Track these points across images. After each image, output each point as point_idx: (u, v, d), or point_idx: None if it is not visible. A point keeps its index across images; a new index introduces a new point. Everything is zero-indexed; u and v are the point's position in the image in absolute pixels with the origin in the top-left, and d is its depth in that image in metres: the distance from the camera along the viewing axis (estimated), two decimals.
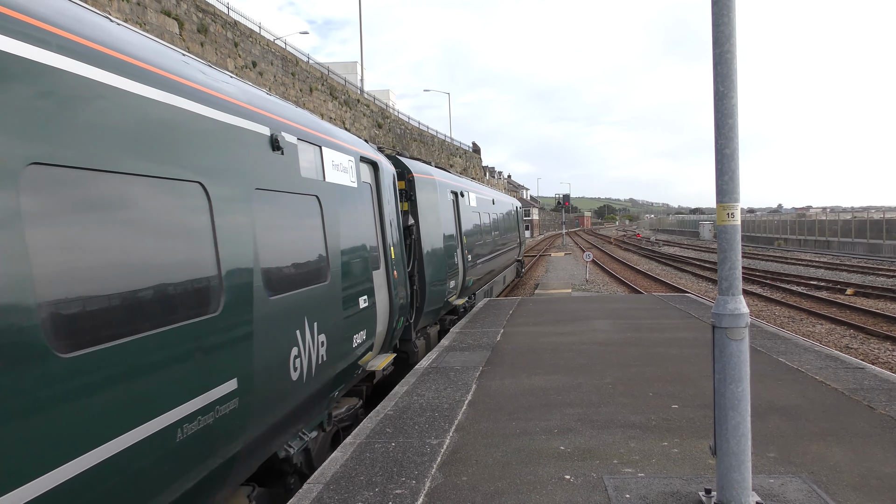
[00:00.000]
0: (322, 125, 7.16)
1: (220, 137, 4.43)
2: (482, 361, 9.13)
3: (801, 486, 4.66)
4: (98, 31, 3.48)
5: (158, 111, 3.75)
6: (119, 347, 3.17)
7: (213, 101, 4.42)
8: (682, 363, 8.65)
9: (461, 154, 74.91)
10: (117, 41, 3.61)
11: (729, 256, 4.21)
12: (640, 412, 6.52)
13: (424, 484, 4.89)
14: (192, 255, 3.89)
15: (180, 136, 3.91)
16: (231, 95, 4.78)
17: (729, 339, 4.15)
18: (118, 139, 3.36)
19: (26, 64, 2.85)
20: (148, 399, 3.38)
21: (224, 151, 4.48)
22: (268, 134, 5.24)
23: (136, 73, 3.63)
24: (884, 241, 40.62)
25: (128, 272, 3.31)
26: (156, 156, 3.66)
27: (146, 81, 3.70)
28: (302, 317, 5.40)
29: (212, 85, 4.52)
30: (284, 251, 5.28)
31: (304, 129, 6.20)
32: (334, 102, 40.34)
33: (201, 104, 4.23)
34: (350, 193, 7.32)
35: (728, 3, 4.13)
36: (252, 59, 30.43)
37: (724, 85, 4.15)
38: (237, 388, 4.22)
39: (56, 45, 3.04)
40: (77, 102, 3.12)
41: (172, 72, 4.04)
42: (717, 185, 4.24)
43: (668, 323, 12.16)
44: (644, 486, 4.73)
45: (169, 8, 23.85)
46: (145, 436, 3.32)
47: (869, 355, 13.22)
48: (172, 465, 3.62)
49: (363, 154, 8.24)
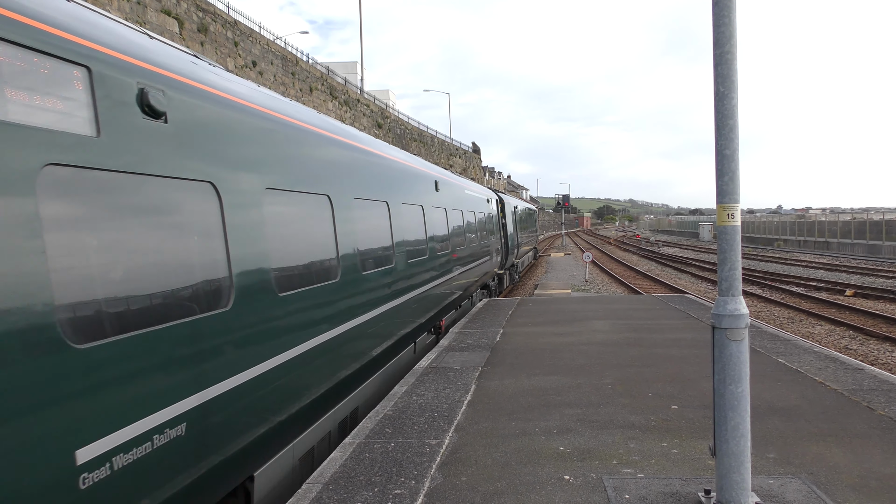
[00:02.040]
0: (472, 185, 15.75)
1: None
2: (481, 362, 9.13)
3: (801, 486, 4.66)
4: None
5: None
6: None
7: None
8: (681, 364, 8.64)
9: (461, 154, 74.88)
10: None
11: (729, 257, 4.21)
12: (640, 413, 6.52)
13: (424, 484, 4.89)
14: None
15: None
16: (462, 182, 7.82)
17: (729, 339, 4.15)
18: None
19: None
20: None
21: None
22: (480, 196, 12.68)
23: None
24: (883, 243, 40.64)
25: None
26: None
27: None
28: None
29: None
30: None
31: (468, 184, 14.28)
32: (334, 102, 40.33)
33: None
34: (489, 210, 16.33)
35: (729, 5, 4.12)
36: (252, 58, 30.42)
37: (724, 86, 4.15)
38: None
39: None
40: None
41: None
42: (718, 185, 4.23)
43: (668, 323, 12.16)
44: (643, 487, 4.73)
45: (169, 7, 23.84)
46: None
47: (868, 356, 13.23)
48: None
49: (490, 197, 19.50)
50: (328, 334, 5.72)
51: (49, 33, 2.95)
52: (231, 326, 4.17)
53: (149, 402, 3.36)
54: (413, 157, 10.89)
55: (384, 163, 8.31)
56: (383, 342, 7.62)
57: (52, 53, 2.94)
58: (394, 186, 8.61)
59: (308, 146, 5.75)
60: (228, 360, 4.12)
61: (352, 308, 6.38)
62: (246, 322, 4.37)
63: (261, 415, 4.59)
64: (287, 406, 5.04)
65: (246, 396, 4.31)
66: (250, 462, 4.59)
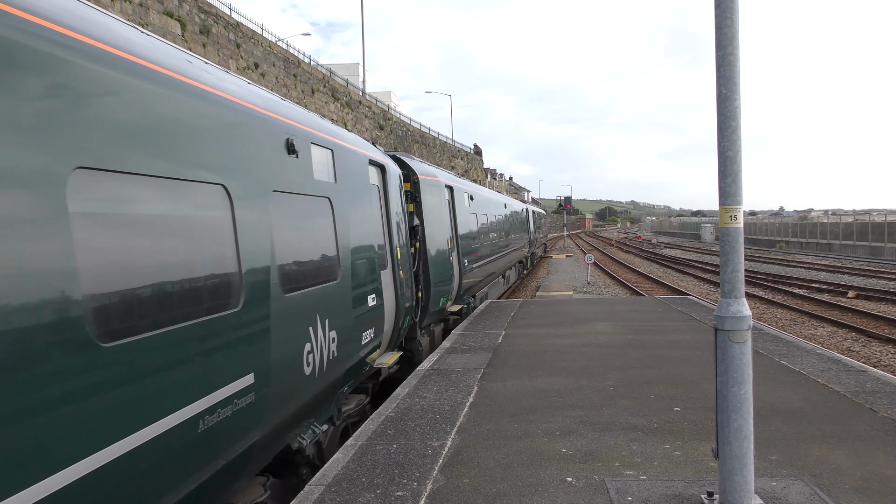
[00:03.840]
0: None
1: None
2: (484, 363, 9.13)
3: (804, 488, 4.66)
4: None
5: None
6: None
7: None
8: (683, 365, 8.64)
9: (462, 156, 74.90)
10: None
11: (731, 259, 4.20)
12: (642, 414, 6.52)
13: (426, 486, 4.89)
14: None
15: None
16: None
17: (731, 341, 4.14)
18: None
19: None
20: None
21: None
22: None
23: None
24: (885, 244, 40.55)
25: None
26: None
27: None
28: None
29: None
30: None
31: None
32: (336, 104, 40.36)
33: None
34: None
35: (731, 7, 4.13)
36: (254, 60, 30.46)
37: (727, 87, 4.15)
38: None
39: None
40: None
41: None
42: (720, 187, 4.23)
43: (670, 325, 12.15)
44: (646, 489, 4.72)
45: (171, 9, 23.89)
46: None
47: (871, 358, 13.21)
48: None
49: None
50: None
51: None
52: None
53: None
54: (508, 198, 18.03)
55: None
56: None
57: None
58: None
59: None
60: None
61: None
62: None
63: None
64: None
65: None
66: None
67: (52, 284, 2.72)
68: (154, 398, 3.35)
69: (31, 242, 2.66)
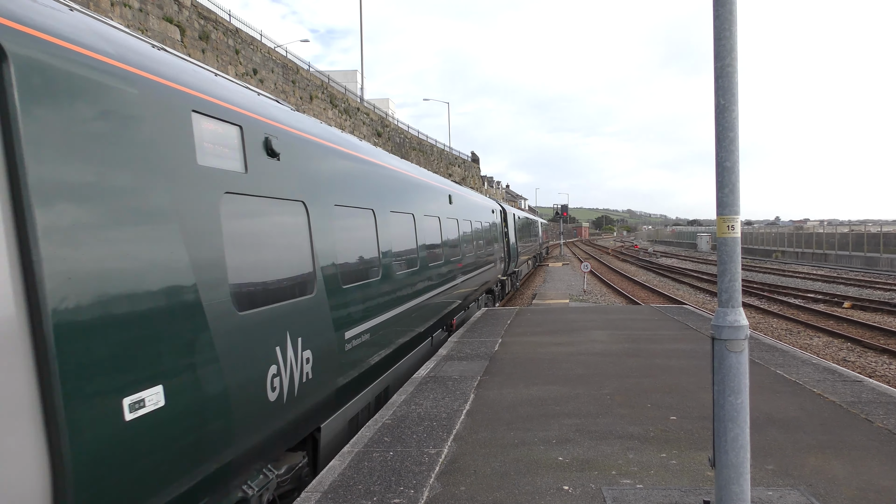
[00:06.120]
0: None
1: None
2: (480, 371, 9.12)
3: (800, 498, 4.66)
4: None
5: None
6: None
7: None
8: (680, 374, 8.65)
9: (460, 163, 75.00)
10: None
11: (729, 268, 4.22)
12: (639, 423, 6.52)
13: (422, 493, 4.88)
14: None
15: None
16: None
17: (728, 350, 4.15)
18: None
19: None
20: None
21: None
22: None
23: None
24: (881, 255, 40.71)
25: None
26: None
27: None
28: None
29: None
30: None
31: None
32: (334, 110, 40.44)
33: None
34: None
35: (730, 18, 4.16)
36: (253, 66, 30.52)
37: (725, 98, 4.18)
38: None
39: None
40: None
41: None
42: (718, 197, 4.25)
43: (666, 334, 12.16)
44: (643, 498, 4.73)
45: (171, 15, 23.93)
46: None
47: (866, 368, 13.24)
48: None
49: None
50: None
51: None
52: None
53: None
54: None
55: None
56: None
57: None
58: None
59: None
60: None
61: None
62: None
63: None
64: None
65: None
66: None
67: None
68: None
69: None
